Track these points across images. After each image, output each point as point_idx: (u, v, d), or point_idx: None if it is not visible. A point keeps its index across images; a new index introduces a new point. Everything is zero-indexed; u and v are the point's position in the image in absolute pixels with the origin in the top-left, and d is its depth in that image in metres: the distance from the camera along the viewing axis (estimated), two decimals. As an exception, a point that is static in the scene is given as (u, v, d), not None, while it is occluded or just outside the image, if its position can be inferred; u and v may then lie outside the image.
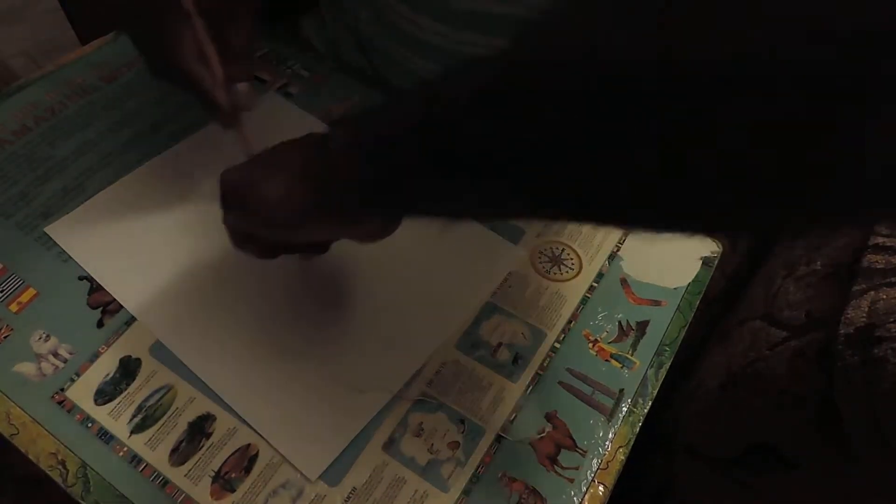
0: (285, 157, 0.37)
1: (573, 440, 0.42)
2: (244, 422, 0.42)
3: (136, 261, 0.49)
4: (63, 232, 0.50)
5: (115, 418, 0.42)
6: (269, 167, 0.37)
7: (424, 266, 0.50)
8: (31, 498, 0.60)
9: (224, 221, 0.41)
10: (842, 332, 0.49)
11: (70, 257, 0.49)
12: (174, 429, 0.42)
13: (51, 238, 0.50)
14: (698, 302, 0.50)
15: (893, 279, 0.50)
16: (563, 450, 0.42)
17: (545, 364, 0.45)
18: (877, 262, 0.52)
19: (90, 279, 0.48)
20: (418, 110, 0.30)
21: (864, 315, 0.49)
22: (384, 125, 0.32)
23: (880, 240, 0.53)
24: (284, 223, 0.36)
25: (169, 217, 0.52)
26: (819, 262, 0.59)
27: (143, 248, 0.50)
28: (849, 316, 0.49)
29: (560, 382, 0.45)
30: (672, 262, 0.51)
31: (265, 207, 0.36)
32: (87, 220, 0.51)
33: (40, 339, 0.45)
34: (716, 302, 0.75)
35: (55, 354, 0.45)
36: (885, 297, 0.49)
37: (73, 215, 0.51)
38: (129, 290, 0.48)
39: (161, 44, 0.40)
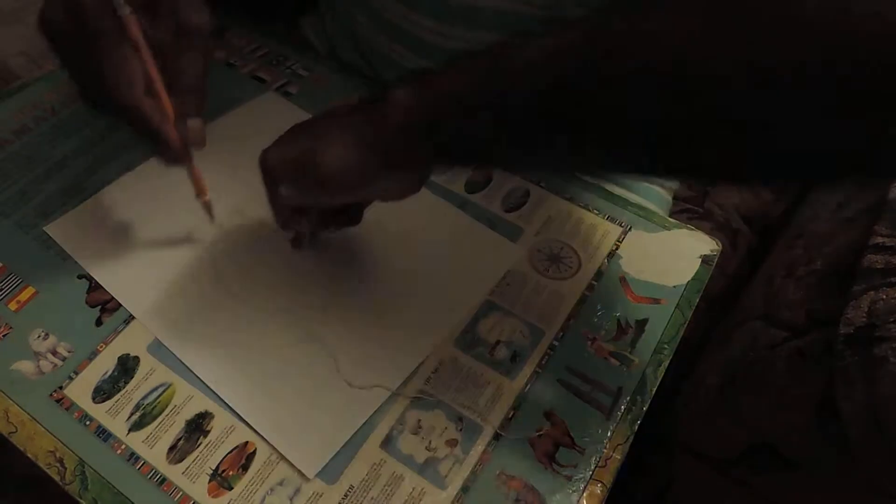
0: (341, 123, 0.38)
1: (571, 438, 0.42)
2: (242, 420, 0.42)
3: (134, 259, 0.49)
4: (62, 231, 0.50)
5: (113, 416, 0.42)
6: (326, 135, 0.38)
7: (422, 263, 0.50)
8: (31, 497, 0.60)
9: (274, 199, 0.41)
10: (842, 332, 0.49)
11: (69, 256, 0.49)
12: (172, 426, 0.42)
13: (50, 237, 0.50)
14: (698, 300, 0.49)
15: (893, 279, 0.50)
16: (561, 448, 0.42)
17: (543, 362, 0.45)
18: (877, 262, 0.52)
19: (89, 278, 0.48)
20: (488, 80, 0.33)
21: (864, 315, 0.49)
22: (452, 93, 0.34)
23: (880, 240, 0.53)
24: (348, 187, 0.38)
25: (168, 216, 0.52)
26: (819, 262, 0.59)
27: (141, 246, 0.50)
28: (849, 316, 0.49)
29: (558, 380, 0.44)
30: (671, 260, 0.51)
31: (329, 174, 0.37)
32: (87, 219, 0.51)
33: (39, 337, 0.46)
34: (716, 302, 0.75)
35: (54, 352, 0.45)
36: (885, 297, 0.49)
37: (73, 214, 0.51)
38: (127, 288, 0.48)
39: (104, 76, 0.37)
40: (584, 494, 0.40)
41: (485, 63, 0.33)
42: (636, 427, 0.43)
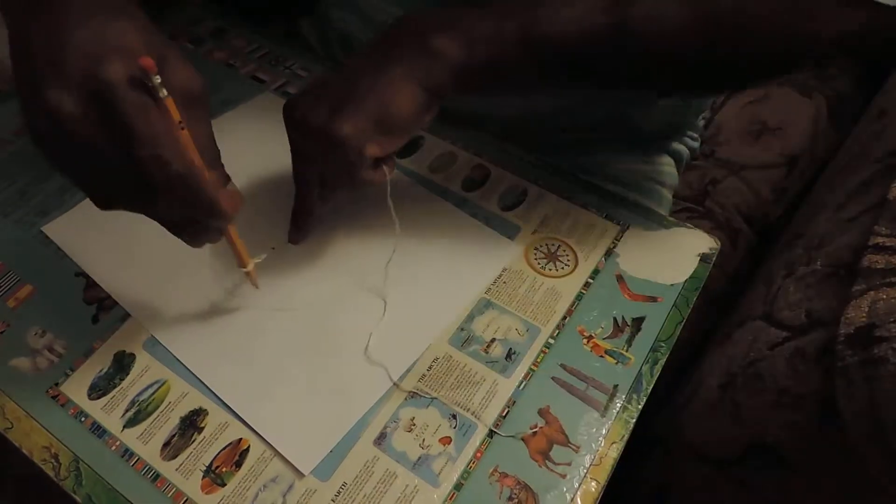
0: (390, 73, 0.41)
1: (566, 436, 0.42)
2: (236, 416, 0.42)
3: (131, 258, 0.49)
4: (60, 231, 0.50)
5: (109, 412, 0.42)
6: (386, 87, 0.41)
7: (419, 261, 0.50)
8: (30, 497, 0.60)
9: (359, 163, 0.42)
10: (842, 332, 0.48)
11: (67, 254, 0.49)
12: (166, 423, 0.42)
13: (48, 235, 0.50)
14: (696, 298, 0.49)
15: (893, 279, 0.49)
16: (555, 445, 0.41)
17: (539, 359, 0.45)
18: (877, 262, 0.51)
19: (86, 275, 0.48)
20: (521, 38, 0.41)
21: (864, 315, 0.48)
22: (494, 45, 0.42)
23: (880, 240, 0.53)
24: (420, 124, 0.44)
25: None
26: (819, 262, 0.59)
27: (138, 245, 0.50)
28: (849, 316, 0.49)
29: (553, 378, 0.44)
30: (669, 258, 0.51)
31: (411, 117, 0.42)
32: (84, 218, 0.51)
33: (36, 334, 0.46)
34: (716, 302, 0.75)
35: (50, 349, 0.45)
36: (885, 297, 0.48)
37: (70, 215, 0.51)
38: (124, 286, 0.48)
39: (146, 155, 0.33)
40: (579, 492, 0.40)
41: (523, 19, 0.41)
42: (632, 425, 0.43)
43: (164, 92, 0.33)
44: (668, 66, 0.45)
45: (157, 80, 0.33)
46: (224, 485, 0.40)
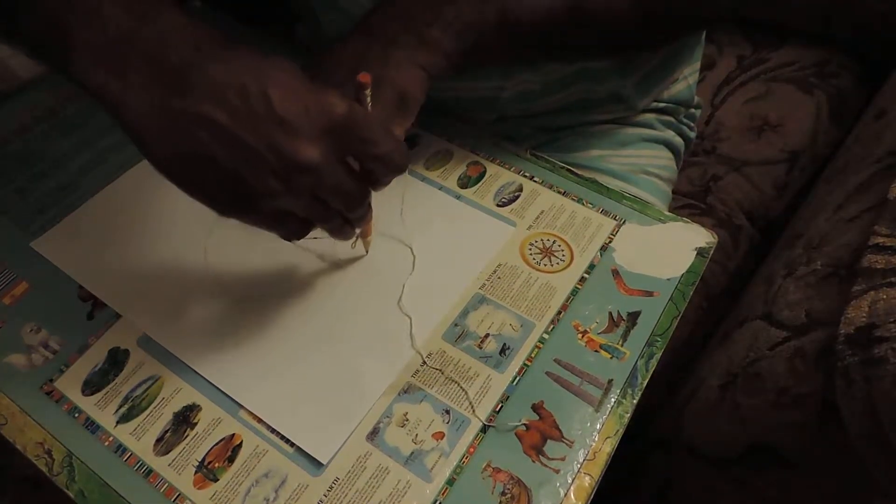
0: (388, 57, 0.45)
1: (560, 431, 0.41)
2: (230, 412, 0.42)
3: (122, 265, 0.49)
4: (49, 245, 0.50)
5: (102, 408, 0.43)
6: (396, 70, 0.44)
7: (414, 254, 0.50)
8: (29, 497, 0.61)
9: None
10: (842, 332, 0.48)
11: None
12: (159, 419, 0.42)
13: (44, 231, 0.51)
14: (692, 292, 0.49)
15: (893, 279, 0.49)
16: (549, 440, 0.41)
17: (533, 355, 0.45)
18: (877, 262, 0.51)
19: (81, 273, 0.48)
20: (498, 24, 0.46)
21: (864, 315, 0.48)
22: (478, 32, 0.46)
23: (880, 240, 0.52)
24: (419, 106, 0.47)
25: (153, 222, 0.52)
26: (819, 262, 0.58)
27: (128, 251, 0.50)
28: (849, 316, 0.48)
29: (547, 373, 0.44)
30: (666, 252, 0.51)
31: (416, 99, 0.45)
32: (72, 231, 0.51)
33: (31, 331, 0.46)
34: (717, 300, 0.74)
35: (45, 346, 0.45)
36: (885, 297, 0.48)
37: (58, 228, 0.51)
38: (120, 294, 0.48)
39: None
40: (573, 487, 0.39)
41: (498, 6, 0.46)
42: (626, 420, 0.42)
43: (370, 104, 0.39)
44: (617, 35, 0.51)
45: (369, 93, 0.38)
46: (216, 480, 0.40)
